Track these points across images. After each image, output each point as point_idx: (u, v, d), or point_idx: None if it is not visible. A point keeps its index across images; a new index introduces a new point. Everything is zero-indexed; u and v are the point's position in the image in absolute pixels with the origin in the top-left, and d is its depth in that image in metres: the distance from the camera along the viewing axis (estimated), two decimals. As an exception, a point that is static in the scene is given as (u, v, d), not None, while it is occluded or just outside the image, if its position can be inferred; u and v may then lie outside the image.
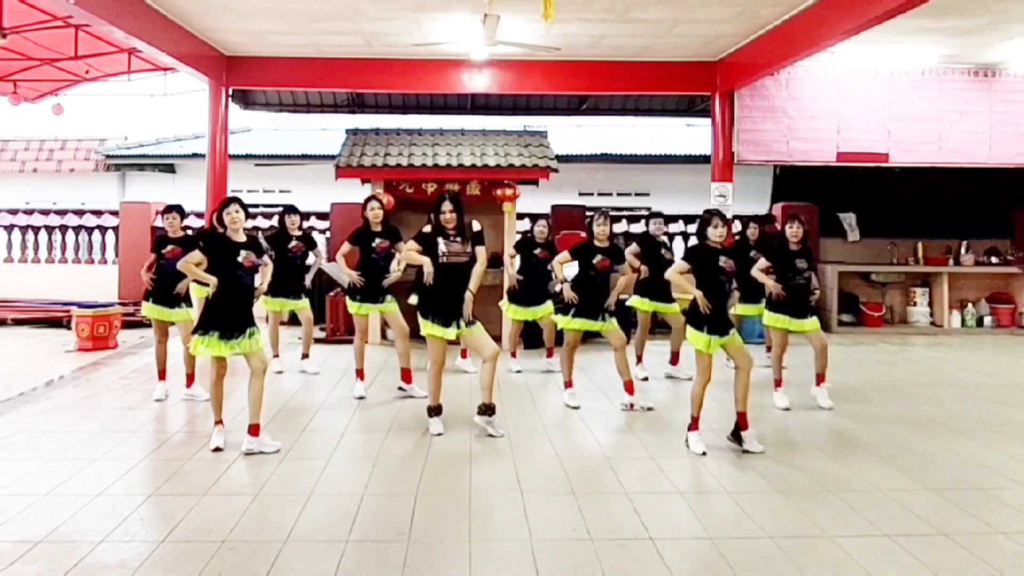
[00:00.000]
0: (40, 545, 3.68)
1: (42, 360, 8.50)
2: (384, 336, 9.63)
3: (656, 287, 7.43)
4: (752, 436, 5.29)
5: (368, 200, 6.80)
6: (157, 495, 4.38)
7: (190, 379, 6.53)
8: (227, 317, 5.09)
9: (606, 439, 5.64)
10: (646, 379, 7.59)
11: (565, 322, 6.45)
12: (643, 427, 5.93)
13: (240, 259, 5.11)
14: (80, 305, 9.50)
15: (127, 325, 10.21)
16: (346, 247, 6.76)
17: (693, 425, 5.37)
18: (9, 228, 12.75)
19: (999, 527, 4.04)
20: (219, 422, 5.28)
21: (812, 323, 6.51)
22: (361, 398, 6.69)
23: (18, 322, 10.91)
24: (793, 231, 6.37)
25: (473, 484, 4.60)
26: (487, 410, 5.57)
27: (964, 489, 4.62)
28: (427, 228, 5.57)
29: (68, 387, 7.14)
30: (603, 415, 6.31)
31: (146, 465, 4.90)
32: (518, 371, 8.00)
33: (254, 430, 5.14)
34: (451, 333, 5.44)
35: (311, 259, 7.92)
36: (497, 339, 8.82)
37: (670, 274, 5.52)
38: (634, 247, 7.61)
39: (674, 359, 7.87)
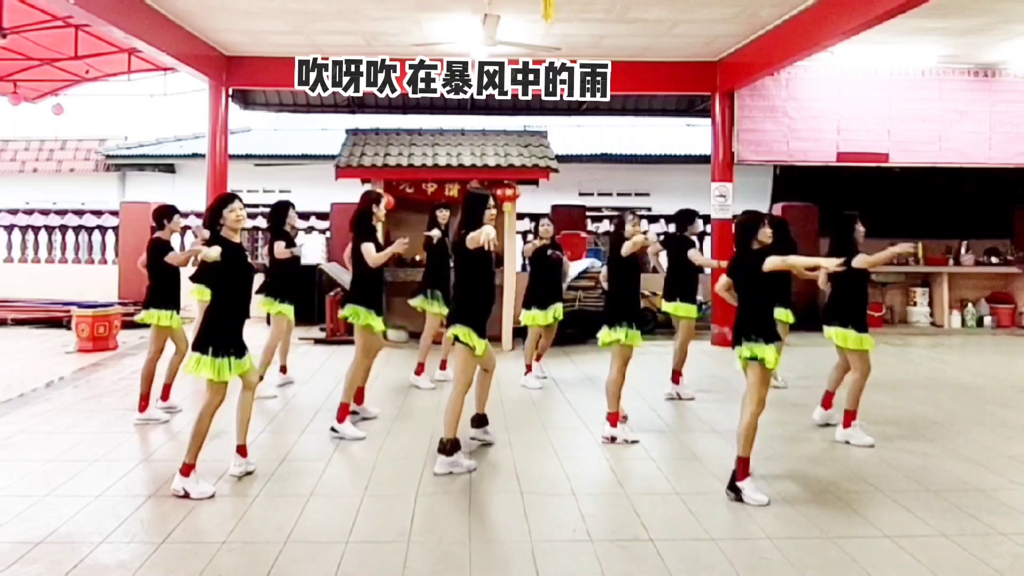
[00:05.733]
0: (40, 546, 3.69)
1: (42, 361, 8.50)
2: (385, 337, 9.60)
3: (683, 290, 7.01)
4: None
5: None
6: (157, 496, 4.38)
7: (162, 395, 6.20)
8: (232, 333, 4.43)
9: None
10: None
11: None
12: (644, 428, 5.92)
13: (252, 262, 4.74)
14: (80, 305, 9.49)
15: (127, 325, 10.19)
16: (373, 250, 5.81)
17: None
18: (9, 228, 12.76)
19: (999, 528, 4.04)
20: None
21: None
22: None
23: (18, 322, 10.91)
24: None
25: (473, 484, 4.61)
26: (483, 421, 5.47)
27: (964, 489, 4.62)
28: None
29: (68, 388, 7.14)
30: (602, 416, 6.30)
31: (146, 466, 4.91)
32: (539, 387, 7.39)
33: (242, 450, 4.70)
34: (481, 346, 4.91)
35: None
36: (496, 339, 8.85)
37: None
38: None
39: (675, 376, 7.05)
